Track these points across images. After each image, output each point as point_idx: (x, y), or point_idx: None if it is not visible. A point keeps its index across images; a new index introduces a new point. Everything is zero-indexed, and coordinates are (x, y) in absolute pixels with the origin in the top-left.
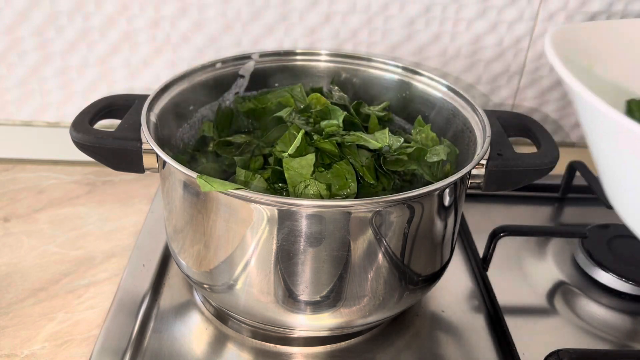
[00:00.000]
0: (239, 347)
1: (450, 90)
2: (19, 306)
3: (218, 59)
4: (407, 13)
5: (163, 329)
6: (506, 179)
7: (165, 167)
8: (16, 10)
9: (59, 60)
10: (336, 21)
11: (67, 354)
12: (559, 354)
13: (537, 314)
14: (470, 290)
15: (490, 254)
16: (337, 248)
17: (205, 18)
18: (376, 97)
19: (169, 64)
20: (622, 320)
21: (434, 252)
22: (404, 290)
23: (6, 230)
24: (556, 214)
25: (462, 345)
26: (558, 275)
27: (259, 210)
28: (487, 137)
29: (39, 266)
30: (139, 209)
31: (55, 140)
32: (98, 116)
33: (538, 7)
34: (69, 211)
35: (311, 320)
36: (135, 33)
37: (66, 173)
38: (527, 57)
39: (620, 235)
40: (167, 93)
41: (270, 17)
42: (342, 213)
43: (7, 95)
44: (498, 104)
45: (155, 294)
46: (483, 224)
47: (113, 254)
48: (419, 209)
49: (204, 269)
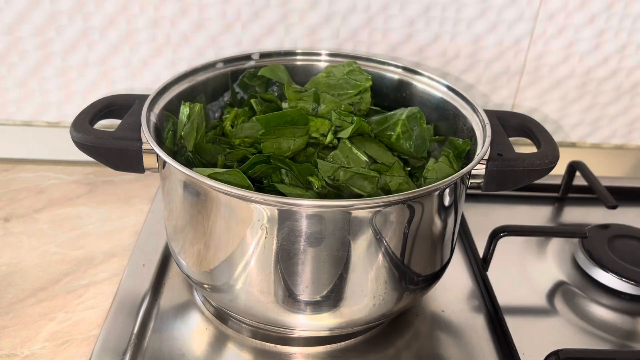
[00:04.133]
0: (239, 347)
1: (450, 90)
2: (19, 306)
3: (218, 59)
4: (407, 13)
5: (163, 329)
6: (506, 179)
7: (165, 167)
8: (16, 10)
9: (59, 60)
10: (336, 21)
11: (67, 354)
12: (559, 354)
13: (537, 314)
14: (470, 290)
15: (490, 254)
16: (337, 248)
17: (205, 18)
18: (376, 97)
19: (169, 64)
20: (622, 320)
21: (434, 252)
22: (404, 290)
23: (6, 230)
24: (556, 214)
25: (462, 345)
26: (558, 275)
27: (259, 210)
28: (487, 137)
29: (39, 266)
30: (139, 209)
31: (55, 140)
32: (98, 116)
33: (538, 7)
34: (69, 211)
35: (311, 320)
36: (135, 33)
37: (66, 173)
38: (527, 57)
39: (620, 235)
40: (167, 93)
41: (270, 17)
42: (342, 213)
43: (7, 95)
44: (498, 104)
45: (156, 294)
46: (483, 224)
47: (113, 254)
48: (419, 209)
49: (204, 269)
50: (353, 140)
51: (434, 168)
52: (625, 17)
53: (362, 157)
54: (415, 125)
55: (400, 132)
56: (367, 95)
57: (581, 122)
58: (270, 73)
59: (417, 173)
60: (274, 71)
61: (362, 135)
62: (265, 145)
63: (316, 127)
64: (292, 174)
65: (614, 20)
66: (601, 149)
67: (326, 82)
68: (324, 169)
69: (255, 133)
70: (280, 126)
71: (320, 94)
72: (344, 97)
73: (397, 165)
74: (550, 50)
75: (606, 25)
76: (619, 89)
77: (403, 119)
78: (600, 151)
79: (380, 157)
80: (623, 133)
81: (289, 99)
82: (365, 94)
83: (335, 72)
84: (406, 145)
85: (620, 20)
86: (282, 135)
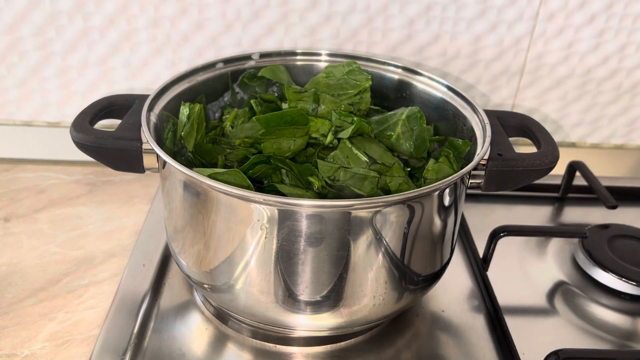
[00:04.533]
0: (239, 347)
1: (450, 90)
2: (19, 306)
3: (218, 59)
4: (407, 13)
5: (163, 329)
6: (506, 179)
7: (165, 167)
8: (16, 10)
9: (59, 60)
10: (336, 21)
11: (67, 354)
12: (559, 354)
13: (537, 314)
14: (470, 290)
15: (490, 254)
16: (337, 248)
17: (205, 18)
18: (376, 97)
19: (169, 64)
20: (622, 320)
21: (434, 252)
22: (404, 290)
23: (6, 230)
24: (556, 214)
25: (462, 345)
26: (558, 275)
27: (259, 210)
28: (487, 137)
29: (39, 266)
30: (139, 209)
31: (55, 140)
32: (98, 116)
33: (538, 7)
34: (69, 211)
35: (311, 320)
36: (135, 33)
37: (66, 173)
38: (527, 57)
39: (620, 235)
40: (167, 93)
41: (270, 17)
42: (342, 213)
43: (7, 95)
44: (498, 104)
45: (156, 294)
46: (483, 224)
47: (113, 254)
48: (419, 209)
49: (204, 269)
50: (353, 140)
51: (434, 168)
52: (625, 17)
53: (362, 157)
54: (415, 125)
55: (401, 132)
56: (367, 95)
57: (581, 122)
58: (270, 74)
59: (417, 173)
60: (274, 72)
61: (362, 135)
62: (266, 145)
63: (316, 128)
64: (292, 174)
65: (614, 20)
66: (601, 149)
67: (326, 82)
68: (324, 169)
69: (255, 133)
70: (281, 126)
71: (320, 94)
72: (344, 97)
73: (397, 166)
74: (550, 50)
75: (606, 25)
76: (619, 89)
77: (403, 119)
78: (600, 151)
79: (380, 157)
80: (623, 133)
81: (289, 100)
82: (365, 94)
83: (335, 72)
84: (406, 145)
85: (620, 20)
86: (282, 135)
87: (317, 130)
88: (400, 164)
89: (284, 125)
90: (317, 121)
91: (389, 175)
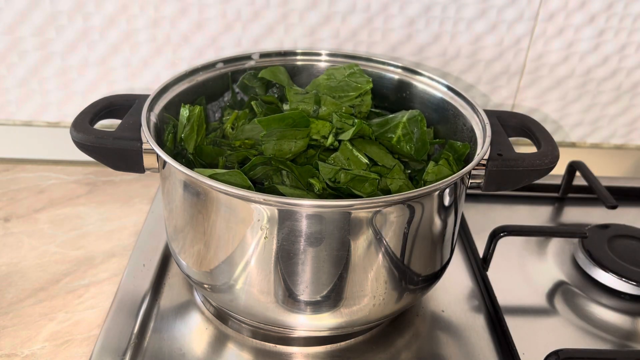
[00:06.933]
0: (239, 347)
1: (450, 90)
2: (19, 306)
3: (218, 59)
4: (407, 13)
5: (163, 329)
6: (506, 179)
7: (165, 167)
8: (16, 10)
9: (59, 60)
10: (336, 21)
11: (67, 354)
12: (559, 354)
13: (537, 314)
14: (470, 290)
15: (490, 254)
16: (337, 248)
17: (205, 18)
18: (376, 97)
19: (169, 64)
20: (622, 320)
21: (434, 252)
22: (404, 290)
23: (6, 230)
24: (556, 214)
25: (462, 345)
26: (558, 275)
27: (259, 210)
28: (487, 137)
29: (39, 266)
30: (139, 208)
31: (55, 140)
32: (98, 116)
33: (538, 7)
34: (69, 211)
35: (311, 320)
36: (135, 33)
37: (66, 173)
38: (527, 57)
39: (620, 235)
40: (167, 93)
41: (270, 17)
42: (342, 213)
43: (7, 95)
44: (498, 104)
45: (156, 293)
46: (483, 224)
47: (113, 254)
48: (419, 209)
49: (204, 269)
50: (354, 142)
51: (433, 171)
52: (625, 17)
53: (362, 159)
54: (415, 127)
55: (401, 134)
56: (368, 98)
57: (581, 122)
58: (270, 75)
59: (417, 176)
60: (274, 73)
61: (363, 137)
62: (266, 147)
63: (317, 129)
64: (293, 176)
65: (614, 20)
66: (601, 149)
67: (327, 84)
68: (324, 171)
69: (256, 135)
70: (282, 128)
71: (321, 96)
72: (345, 99)
73: (397, 168)
74: (550, 50)
75: (606, 25)
76: (619, 89)
77: (404, 121)
78: (600, 151)
79: (380, 159)
80: (623, 133)
81: (290, 101)
82: (366, 97)
83: (336, 75)
84: (406, 147)
85: (620, 20)
86: (283, 137)
87: (318, 132)
88: (401, 166)
89: (285, 127)
90: (318, 123)
91: (390, 177)
